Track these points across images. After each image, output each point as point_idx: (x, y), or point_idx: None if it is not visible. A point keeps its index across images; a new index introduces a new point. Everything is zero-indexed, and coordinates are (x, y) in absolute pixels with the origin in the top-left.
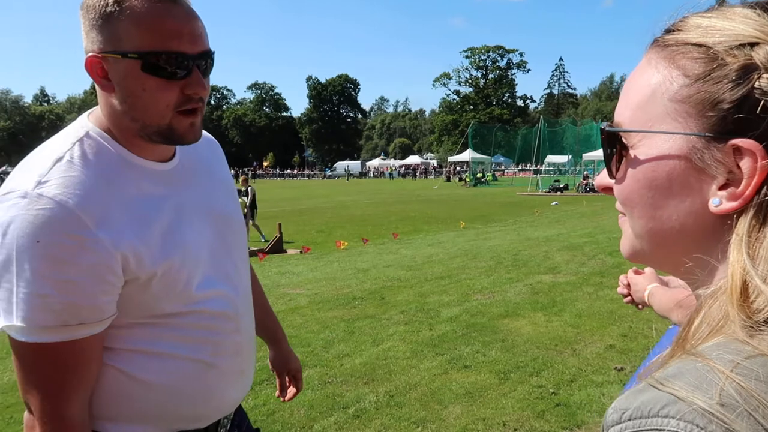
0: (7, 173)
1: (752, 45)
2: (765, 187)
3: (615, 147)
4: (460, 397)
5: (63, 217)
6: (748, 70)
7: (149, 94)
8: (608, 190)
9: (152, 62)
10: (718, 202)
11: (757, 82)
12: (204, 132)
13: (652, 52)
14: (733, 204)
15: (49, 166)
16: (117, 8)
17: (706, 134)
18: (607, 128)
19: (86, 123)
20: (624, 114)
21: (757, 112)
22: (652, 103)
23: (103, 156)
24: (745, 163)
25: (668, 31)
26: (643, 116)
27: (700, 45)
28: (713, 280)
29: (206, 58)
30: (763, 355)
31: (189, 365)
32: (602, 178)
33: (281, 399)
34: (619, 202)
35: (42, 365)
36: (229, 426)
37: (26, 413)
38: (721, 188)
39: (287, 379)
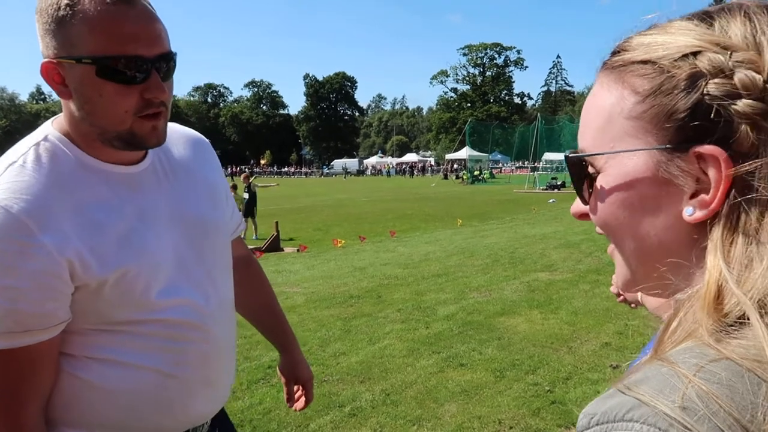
0: None
1: (695, 54)
2: (733, 190)
3: (583, 173)
4: (456, 395)
5: (6, 222)
6: (696, 78)
7: (106, 99)
8: (584, 216)
9: (107, 67)
10: (692, 211)
11: (705, 89)
12: (192, 131)
13: (603, 76)
14: (705, 211)
15: (1, 171)
16: (69, 12)
17: (667, 146)
18: (570, 155)
19: (48, 127)
20: (586, 139)
21: (711, 117)
22: (611, 125)
23: (59, 160)
24: (710, 169)
25: (614, 53)
26: (604, 138)
27: (645, 62)
28: (691, 285)
29: (166, 60)
30: (726, 359)
31: (148, 374)
32: (576, 206)
33: (290, 407)
34: (598, 227)
35: None
36: None
37: None
38: (692, 197)
39: (296, 387)
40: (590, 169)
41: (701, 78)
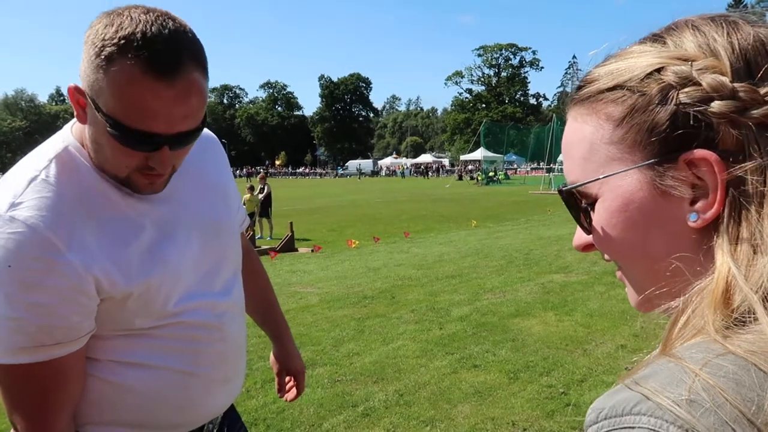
0: None
1: (659, 70)
2: (731, 188)
3: (579, 205)
4: (469, 396)
5: (34, 240)
6: (666, 91)
7: (110, 149)
8: (588, 247)
9: (118, 131)
10: (695, 216)
11: (677, 99)
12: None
13: (574, 111)
14: (710, 213)
15: (24, 186)
16: (105, 64)
17: (656, 159)
18: (563, 189)
19: (67, 136)
20: (574, 172)
21: (691, 123)
22: (595, 152)
23: (80, 174)
24: (704, 172)
25: (579, 88)
26: (591, 167)
27: (613, 87)
28: (699, 283)
29: (186, 135)
30: (733, 354)
31: (169, 374)
32: (579, 237)
33: (280, 397)
34: (606, 255)
35: (23, 386)
36: (216, 429)
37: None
38: (692, 203)
39: (288, 379)
40: (586, 200)
41: (671, 90)
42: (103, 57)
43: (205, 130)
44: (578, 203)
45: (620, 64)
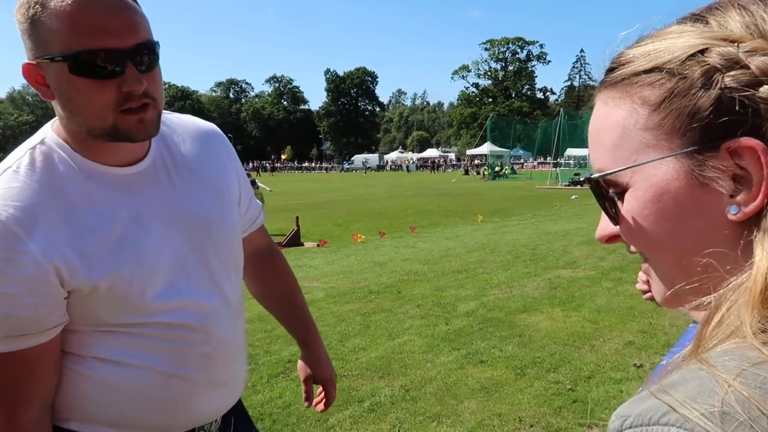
0: None
1: (702, 52)
2: None
3: (608, 193)
4: (475, 392)
5: None
6: (710, 74)
7: (84, 96)
8: (612, 239)
9: (80, 63)
10: (737, 209)
11: (722, 83)
12: (204, 124)
13: (604, 94)
14: (752, 206)
15: None
16: (39, 9)
17: (695, 147)
18: (592, 177)
19: (47, 130)
20: (603, 159)
21: (737, 109)
22: (628, 139)
23: (53, 165)
24: (748, 162)
25: (612, 70)
26: (623, 154)
27: (651, 70)
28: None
29: (145, 50)
30: None
31: (150, 374)
32: (604, 228)
33: (307, 406)
34: (633, 247)
35: None
36: None
37: None
38: (732, 195)
39: (320, 390)
40: (615, 188)
41: (716, 73)
42: (34, 7)
43: (207, 125)
44: (606, 192)
45: (658, 44)
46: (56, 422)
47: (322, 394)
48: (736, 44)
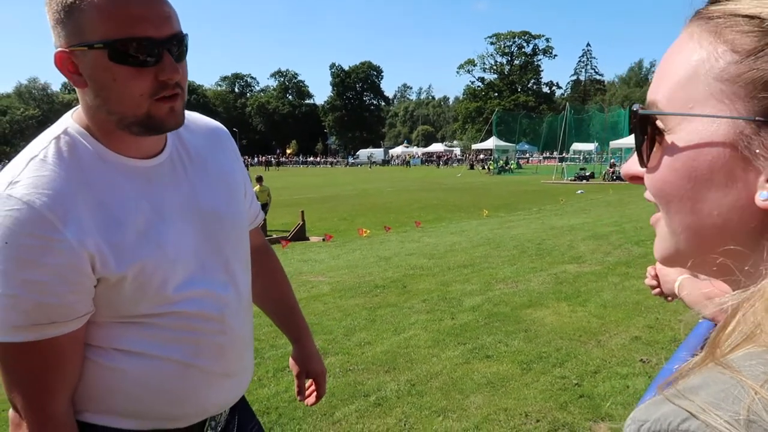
0: None
1: None
2: None
3: (648, 132)
4: (481, 386)
5: (30, 217)
6: None
7: (121, 84)
8: (636, 179)
9: (119, 51)
10: (766, 195)
11: None
12: (211, 121)
13: (694, 26)
14: None
15: (23, 167)
16: (77, 2)
17: (757, 118)
18: (640, 111)
19: (68, 120)
20: (660, 94)
21: None
22: (694, 83)
23: (79, 154)
24: None
25: (713, 2)
26: (682, 97)
27: (752, 17)
28: (756, 281)
29: (177, 41)
30: None
31: (166, 365)
32: (630, 165)
33: (300, 401)
34: (650, 194)
35: (20, 365)
36: (221, 426)
37: (11, 411)
38: None
39: (309, 383)
40: (659, 128)
41: None
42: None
43: (214, 122)
44: (648, 129)
45: None
46: None
47: (313, 387)
48: None
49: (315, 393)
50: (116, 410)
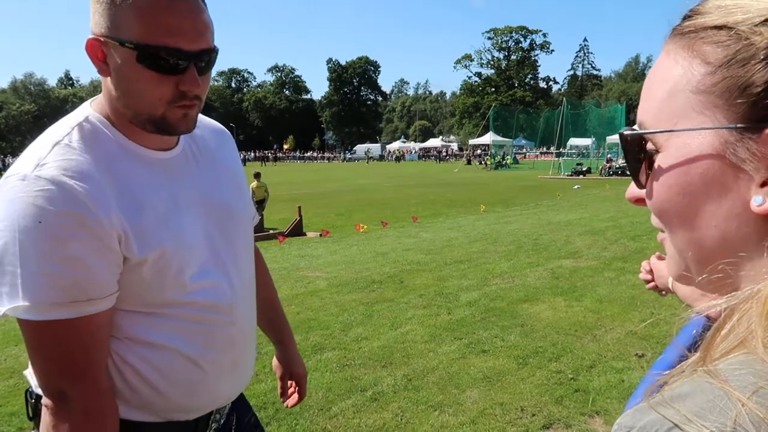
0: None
1: None
2: None
3: (640, 153)
4: (478, 381)
5: (62, 196)
6: None
7: (143, 85)
8: (641, 201)
9: (148, 55)
10: (761, 200)
11: None
12: (215, 123)
13: (670, 43)
14: None
15: (48, 150)
16: None
17: (737, 125)
18: (627, 133)
19: (87, 109)
20: (647, 114)
21: None
22: (675, 98)
23: (101, 141)
24: None
25: (686, 18)
26: (666, 114)
27: (720, 27)
28: (752, 285)
29: (206, 55)
30: None
31: (180, 357)
32: (632, 189)
33: (283, 402)
34: (654, 216)
35: (63, 343)
36: (224, 420)
37: (46, 400)
38: (762, 185)
39: (289, 383)
40: (649, 147)
41: None
42: None
43: (217, 123)
44: (639, 151)
45: (739, 0)
46: None
47: (294, 389)
48: None
49: (297, 395)
50: (130, 402)
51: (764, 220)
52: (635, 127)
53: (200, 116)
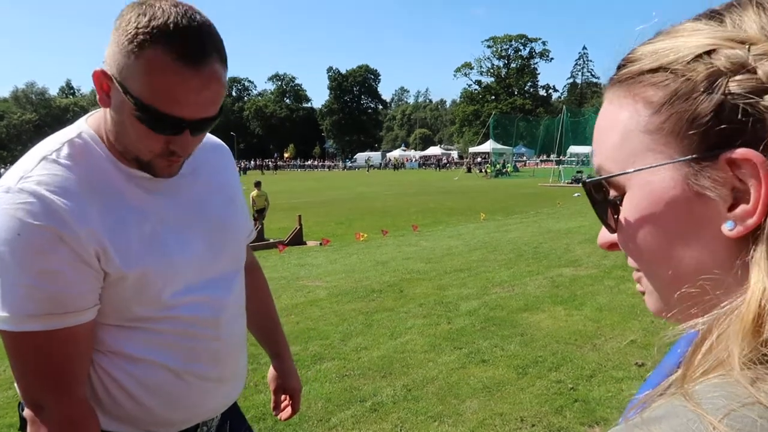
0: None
1: (709, 53)
2: None
3: (604, 198)
4: (477, 391)
5: (41, 209)
6: (714, 78)
7: (135, 133)
8: (613, 246)
9: (145, 114)
10: (733, 225)
11: (726, 88)
12: (212, 137)
13: (610, 92)
14: (750, 221)
15: (35, 163)
16: (137, 50)
17: (693, 156)
18: (588, 181)
19: (82, 125)
20: (603, 159)
21: (739, 117)
22: (628, 140)
23: (91, 157)
24: (746, 174)
25: (620, 67)
26: (623, 156)
27: (656, 69)
28: (729, 302)
29: (207, 123)
30: (761, 405)
31: (162, 370)
32: (603, 235)
33: (275, 416)
34: (629, 258)
35: (39, 355)
36: (212, 431)
37: (27, 411)
38: (730, 209)
39: (283, 397)
40: (612, 193)
41: (720, 76)
42: (135, 43)
43: (216, 139)
44: (604, 196)
45: (667, 43)
46: None
47: (288, 403)
48: (747, 46)
49: (290, 409)
50: (111, 414)
51: (736, 242)
52: (593, 174)
53: None
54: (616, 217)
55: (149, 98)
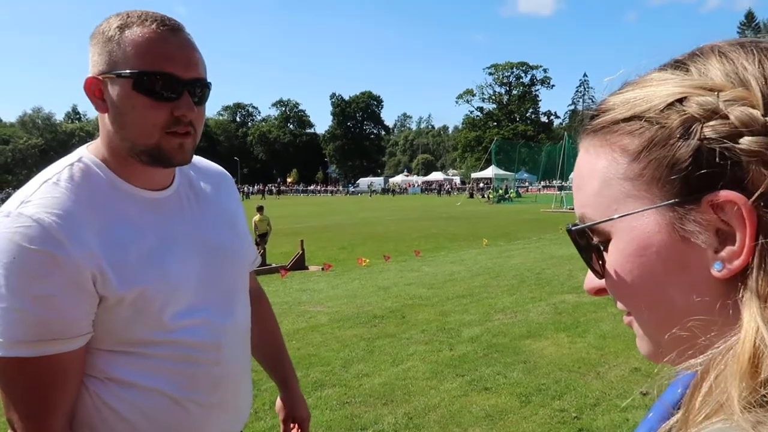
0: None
1: (680, 101)
2: (761, 235)
3: (590, 245)
4: (480, 420)
5: (38, 233)
6: (689, 123)
7: (138, 112)
8: (601, 291)
9: (143, 81)
10: (720, 266)
11: (701, 133)
12: (216, 166)
13: (586, 142)
14: (736, 263)
15: (35, 188)
16: (118, 33)
17: (675, 200)
18: (572, 228)
19: (83, 151)
20: (585, 207)
21: (717, 161)
22: (609, 187)
23: (90, 179)
24: (730, 216)
25: (593, 117)
26: (605, 203)
27: (630, 118)
28: (725, 342)
29: (200, 85)
30: None
31: (160, 397)
32: (590, 281)
33: None
34: (618, 303)
35: (21, 381)
36: None
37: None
38: (717, 250)
39: (292, 425)
40: (596, 239)
41: (695, 123)
42: (116, 28)
43: (219, 167)
44: (589, 243)
45: (638, 92)
46: None
47: (297, 431)
48: (716, 93)
49: None
50: None
51: (725, 283)
52: (577, 222)
53: (200, 159)
54: (601, 262)
55: (141, 64)
